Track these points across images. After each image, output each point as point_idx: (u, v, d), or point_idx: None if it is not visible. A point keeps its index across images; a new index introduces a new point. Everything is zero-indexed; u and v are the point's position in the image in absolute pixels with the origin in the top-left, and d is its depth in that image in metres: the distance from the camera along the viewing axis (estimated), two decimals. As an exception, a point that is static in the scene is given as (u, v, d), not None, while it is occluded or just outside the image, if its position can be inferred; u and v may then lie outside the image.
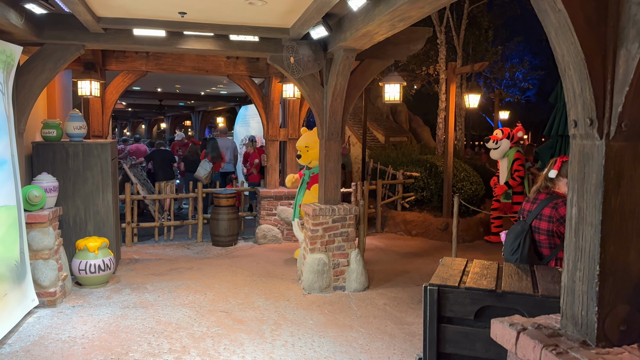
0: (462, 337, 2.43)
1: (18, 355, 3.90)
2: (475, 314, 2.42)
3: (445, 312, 2.48)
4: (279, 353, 4.05)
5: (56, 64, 5.06)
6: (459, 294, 2.45)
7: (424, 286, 2.54)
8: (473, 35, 14.41)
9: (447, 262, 2.99)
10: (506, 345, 1.96)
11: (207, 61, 7.60)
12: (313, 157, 6.61)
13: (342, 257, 5.66)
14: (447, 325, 2.47)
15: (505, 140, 8.16)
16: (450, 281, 2.55)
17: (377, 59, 5.81)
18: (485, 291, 2.40)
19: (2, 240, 4.20)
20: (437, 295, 2.48)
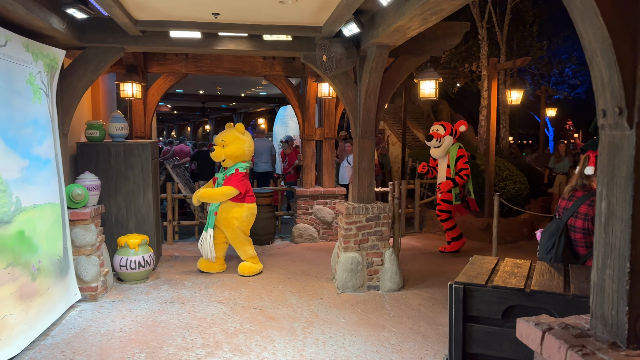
0: (489, 337, 2.35)
1: (59, 347, 4.06)
2: (503, 314, 2.33)
3: (472, 311, 2.40)
4: (310, 350, 4.04)
5: (97, 66, 5.25)
6: (486, 293, 2.37)
7: (449, 284, 2.47)
8: (517, 30, 13.96)
9: (476, 260, 2.90)
10: (531, 346, 1.88)
11: (244, 62, 7.71)
12: (228, 154, 6.00)
13: (376, 256, 5.60)
14: (473, 325, 2.39)
15: (448, 137, 7.38)
16: (477, 279, 2.47)
17: (413, 55, 5.72)
18: (513, 290, 2.31)
19: (46, 236, 4.38)
20: (463, 293, 2.41)
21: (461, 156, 7.35)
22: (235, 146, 5.99)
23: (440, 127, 7.43)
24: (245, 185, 6.06)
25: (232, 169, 6.03)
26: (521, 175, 9.57)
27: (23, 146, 4.03)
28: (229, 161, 6.02)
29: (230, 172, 6.03)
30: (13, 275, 3.77)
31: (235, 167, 6.03)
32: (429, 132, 7.52)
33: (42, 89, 4.44)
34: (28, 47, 4.13)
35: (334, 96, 7.36)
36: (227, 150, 5.99)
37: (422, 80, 6.13)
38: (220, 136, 6.08)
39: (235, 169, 6.03)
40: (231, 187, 5.92)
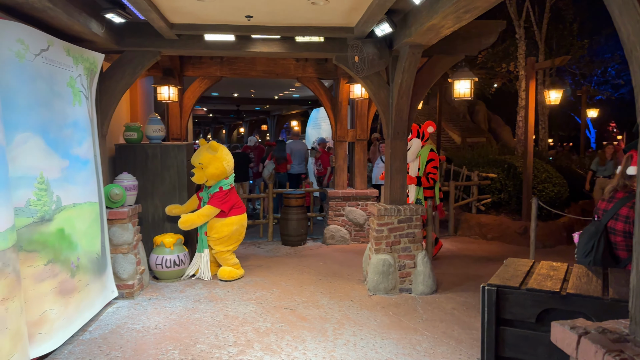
0: (522, 340, 2.28)
1: (96, 342, 4.18)
2: (537, 317, 2.26)
3: (505, 314, 2.34)
4: (340, 352, 4.03)
5: (135, 69, 5.39)
6: (520, 296, 2.30)
7: (481, 286, 2.42)
8: (556, 29, 13.59)
9: (510, 262, 2.83)
10: (566, 350, 1.81)
11: (277, 65, 7.77)
12: (209, 175, 5.91)
13: (408, 259, 5.53)
14: (506, 328, 2.33)
15: (416, 140, 6.86)
16: (511, 282, 2.40)
17: (446, 55, 5.64)
18: (548, 293, 2.24)
19: (85, 234, 4.52)
20: (496, 296, 2.35)
21: (431, 159, 6.91)
22: (214, 166, 5.89)
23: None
24: (228, 201, 6.01)
25: (216, 187, 5.99)
26: (560, 178, 9.30)
27: (63, 147, 4.17)
28: (211, 181, 5.96)
29: (214, 190, 5.99)
30: (53, 271, 3.90)
31: (218, 185, 5.98)
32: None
33: (82, 92, 4.59)
34: (69, 51, 4.28)
35: (366, 97, 7.33)
36: (206, 172, 5.89)
37: (457, 80, 6.03)
38: (197, 158, 5.96)
39: (219, 187, 5.98)
40: (212, 206, 5.90)
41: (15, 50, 3.51)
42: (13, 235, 3.30)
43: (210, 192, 6.00)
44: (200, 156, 5.91)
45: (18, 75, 3.56)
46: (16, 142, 3.57)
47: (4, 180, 3.22)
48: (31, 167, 3.71)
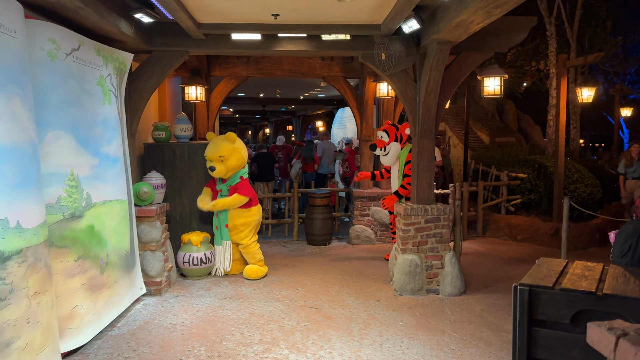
0: (556, 342, 2.20)
1: (124, 338, 4.24)
2: (571, 318, 2.18)
3: (538, 314, 2.26)
4: (366, 352, 3.98)
5: (163, 69, 5.45)
6: (553, 296, 2.23)
7: (513, 286, 2.35)
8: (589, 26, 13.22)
9: (543, 262, 2.74)
10: (603, 352, 1.73)
11: (303, 64, 7.77)
12: (230, 167, 5.80)
13: (435, 259, 5.45)
14: (539, 329, 2.25)
15: (394, 143, 6.44)
16: (544, 281, 2.33)
17: (475, 52, 5.53)
18: (583, 293, 2.16)
19: (115, 231, 4.59)
20: (529, 296, 2.27)
21: (409, 161, 6.29)
22: (235, 157, 5.82)
23: (383, 133, 6.51)
24: (252, 190, 6.08)
25: (236, 177, 5.94)
26: (593, 178, 9.03)
27: (93, 145, 4.25)
28: (231, 172, 5.89)
29: (235, 181, 5.92)
30: (83, 267, 3.97)
31: (238, 175, 5.95)
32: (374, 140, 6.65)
33: (112, 91, 4.66)
34: (99, 51, 4.35)
35: (392, 96, 7.26)
36: (228, 164, 5.80)
37: (486, 77, 5.91)
38: (216, 151, 5.76)
39: (239, 177, 5.95)
40: (242, 195, 5.87)
41: (48, 50, 3.58)
42: (45, 231, 3.37)
43: (231, 184, 5.93)
44: (220, 148, 5.75)
45: (50, 74, 3.64)
46: (48, 140, 3.65)
47: (36, 177, 3.29)
48: (62, 164, 3.78)
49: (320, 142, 10.98)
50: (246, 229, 6.01)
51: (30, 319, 3.12)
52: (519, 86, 15.79)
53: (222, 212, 5.93)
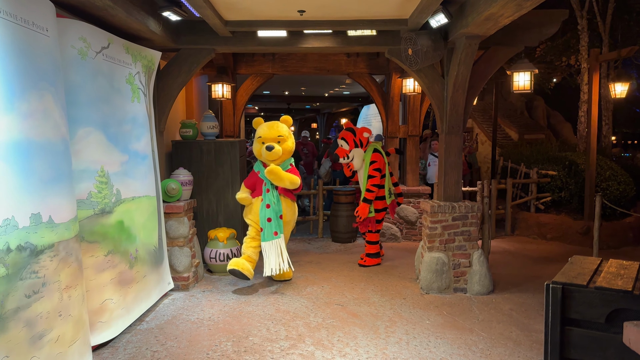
0: (590, 342, 2.13)
1: (153, 332, 4.30)
2: (607, 317, 2.11)
3: (571, 313, 2.20)
4: (392, 350, 3.95)
5: (190, 67, 5.50)
6: (588, 294, 2.16)
7: (546, 284, 2.29)
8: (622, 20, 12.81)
9: (576, 260, 2.66)
10: (643, 353, 1.68)
11: (328, 61, 7.75)
12: (286, 150, 5.44)
13: (463, 258, 5.36)
14: (572, 328, 2.19)
15: (356, 150, 6.31)
16: (578, 280, 2.26)
17: (505, 46, 5.43)
18: (619, 292, 2.08)
19: (144, 227, 4.66)
20: (562, 294, 2.21)
21: (373, 161, 6.30)
22: (291, 141, 5.52)
23: (342, 142, 6.37)
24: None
25: (287, 164, 5.52)
26: (626, 176, 8.77)
27: (123, 142, 4.31)
28: (283, 158, 5.46)
29: (286, 168, 5.50)
30: (113, 262, 4.04)
31: (289, 162, 5.55)
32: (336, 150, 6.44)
33: (141, 89, 4.73)
34: (128, 49, 4.41)
35: (419, 92, 7.17)
36: (285, 146, 5.43)
37: (516, 72, 5.78)
38: (274, 131, 5.40)
39: (289, 164, 5.56)
40: (298, 177, 5.48)
41: (78, 48, 3.65)
42: (76, 225, 3.44)
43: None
44: (279, 128, 5.44)
45: (80, 72, 3.70)
46: (79, 137, 3.72)
47: (68, 173, 3.36)
48: (93, 160, 3.85)
49: None
50: (292, 224, 5.69)
51: (62, 312, 3.18)
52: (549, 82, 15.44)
53: (276, 203, 5.41)
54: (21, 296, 2.77)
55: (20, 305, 2.76)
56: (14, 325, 2.70)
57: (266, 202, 5.39)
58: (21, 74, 2.84)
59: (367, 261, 6.45)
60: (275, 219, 5.39)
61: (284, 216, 5.48)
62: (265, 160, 5.41)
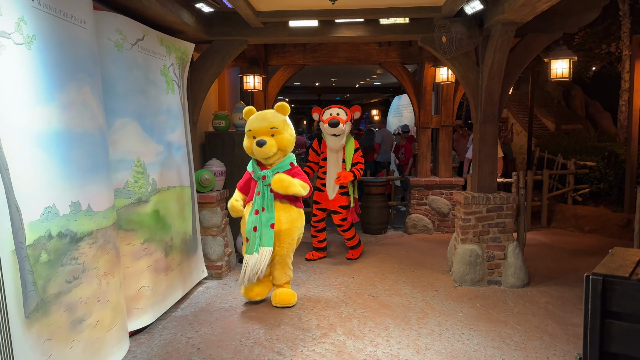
0: (633, 336, 2.06)
1: (188, 319, 4.39)
2: (651, 311, 2.03)
3: (612, 306, 2.12)
4: (425, 341, 3.92)
5: (223, 59, 5.55)
6: (630, 287, 2.08)
7: (585, 275, 2.22)
8: (668, 3, 12.26)
9: (618, 252, 2.57)
10: (690, 348, 1.61)
11: (359, 50, 7.69)
12: (282, 144, 4.42)
13: (497, 250, 5.27)
14: (613, 322, 2.11)
15: (349, 124, 5.92)
16: (619, 271, 2.18)
17: (542, 33, 5.26)
18: (665, 284, 2.00)
19: (178, 216, 4.75)
20: (602, 286, 2.14)
21: (358, 148, 6.12)
22: (289, 133, 4.50)
23: (340, 110, 5.93)
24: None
25: (286, 162, 4.53)
26: (671, 167, 8.43)
27: (158, 133, 4.39)
28: (280, 154, 4.48)
29: (285, 167, 4.50)
30: (149, 250, 4.13)
31: (289, 161, 4.56)
32: (333, 116, 5.86)
33: (175, 81, 4.80)
34: (162, 41, 4.48)
35: (452, 81, 7.05)
36: (280, 139, 4.41)
37: (554, 60, 5.61)
38: (266, 123, 4.39)
39: (289, 162, 4.56)
40: (306, 183, 4.50)
41: (114, 40, 3.72)
42: (113, 214, 3.53)
43: (279, 170, 4.46)
44: (272, 119, 4.41)
45: (116, 63, 3.78)
46: (115, 127, 3.81)
47: (105, 163, 3.45)
48: (129, 151, 3.94)
49: (379, 130, 10.90)
50: (294, 235, 4.62)
51: (100, 297, 3.28)
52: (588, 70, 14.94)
53: (268, 209, 4.41)
54: (62, 281, 2.86)
55: (62, 290, 2.85)
56: (56, 309, 2.79)
57: (255, 208, 4.42)
58: (60, 65, 2.91)
59: (354, 254, 6.35)
60: (264, 227, 4.38)
61: (277, 224, 4.43)
62: (258, 158, 4.47)
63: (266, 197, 4.44)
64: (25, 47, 2.60)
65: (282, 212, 4.48)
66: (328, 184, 6.13)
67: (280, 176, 4.33)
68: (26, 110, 2.59)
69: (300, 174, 4.56)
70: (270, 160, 4.46)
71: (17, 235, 2.47)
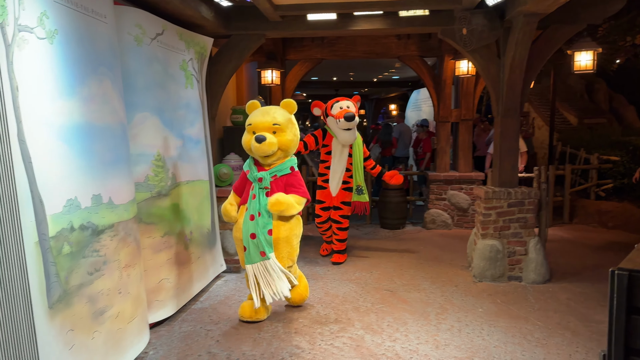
0: (660, 333, 2.01)
1: (207, 311, 4.42)
2: (680, 308, 1.98)
3: (638, 302, 2.07)
4: (444, 336, 3.89)
5: (241, 53, 5.55)
6: (658, 282, 2.03)
7: (610, 270, 2.17)
8: (697, -8, 11.91)
9: (644, 247, 2.51)
10: None
11: (377, 44, 7.63)
12: (283, 143, 3.93)
13: (518, 245, 5.19)
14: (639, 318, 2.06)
15: (357, 118, 5.58)
16: (646, 267, 2.13)
17: (565, 24, 5.15)
18: (694, 280, 1.94)
19: (197, 210, 4.78)
20: (628, 281, 2.09)
21: (363, 142, 5.96)
22: (293, 132, 4.02)
23: (350, 103, 5.61)
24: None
25: (286, 166, 4.02)
26: (698, 161, 8.20)
27: (177, 127, 4.42)
28: (279, 155, 3.98)
29: (285, 170, 4.01)
30: (169, 243, 4.17)
31: (289, 164, 4.05)
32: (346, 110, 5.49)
33: (194, 75, 4.82)
34: (181, 36, 4.50)
35: (472, 74, 6.95)
36: (282, 138, 3.92)
37: (577, 52, 5.49)
38: (269, 118, 3.91)
39: (290, 166, 4.04)
40: (303, 197, 4.04)
41: (134, 35, 3.75)
42: (134, 207, 3.56)
43: (277, 173, 3.98)
44: (275, 115, 3.94)
45: (136, 58, 3.81)
46: (135, 121, 3.84)
47: (126, 156, 3.48)
48: (149, 145, 3.97)
49: (396, 125, 10.84)
50: (293, 241, 4.11)
51: (121, 289, 3.32)
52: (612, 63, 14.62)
53: (264, 214, 3.91)
54: (84, 273, 2.90)
55: (83, 282, 2.89)
56: (78, 300, 2.83)
57: (250, 212, 3.93)
58: (82, 59, 2.94)
59: (340, 258, 5.91)
60: (262, 235, 3.90)
61: (275, 231, 3.95)
62: (256, 155, 3.97)
63: (262, 202, 3.93)
64: (48, 41, 2.63)
65: (279, 218, 3.98)
66: (332, 180, 5.81)
67: (278, 198, 3.83)
68: (48, 103, 2.62)
69: (299, 183, 4.07)
70: (269, 160, 3.96)
71: (41, 227, 2.51)
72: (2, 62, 2.25)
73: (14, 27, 2.36)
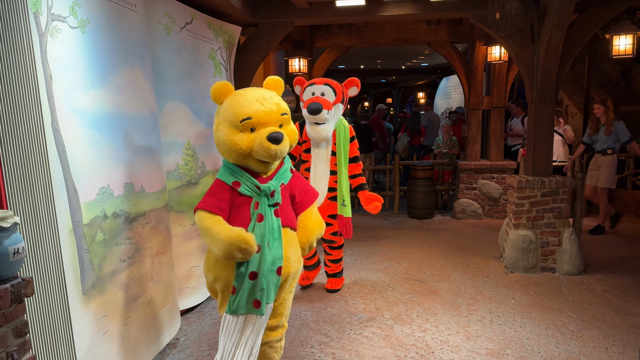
0: None
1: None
2: None
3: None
4: (475, 328, 3.82)
5: (269, 42, 5.52)
6: None
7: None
8: None
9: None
10: None
11: (406, 30, 7.49)
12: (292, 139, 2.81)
13: (552, 236, 5.06)
14: (688, 313, 1.97)
15: (340, 106, 4.25)
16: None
17: (603, 7, 4.95)
18: None
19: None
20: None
21: (353, 137, 4.48)
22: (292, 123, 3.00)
23: (327, 88, 4.19)
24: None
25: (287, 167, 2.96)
26: None
27: (206, 116, 4.42)
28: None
29: (287, 174, 2.93)
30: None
31: (289, 165, 3.00)
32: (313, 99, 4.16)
33: (222, 64, 4.81)
34: (210, 25, 4.49)
35: (505, 60, 6.77)
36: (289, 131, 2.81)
37: (616, 35, 5.28)
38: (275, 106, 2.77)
39: (289, 168, 2.99)
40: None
41: (164, 24, 3.75)
42: (165, 196, 3.59)
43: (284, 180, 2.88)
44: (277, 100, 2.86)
45: (166, 47, 3.81)
46: (166, 111, 3.85)
47: (157, 145, 3.50)
48: (179, 134, 3.99)
49: (425, 113, 10.67)
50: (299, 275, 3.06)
51: (153, 276, 3.36)
52: (651, 48, 14.07)
53: (274, 244, 2.72)
54: (117, 260, 2.94)
55: (116, 269, 2.93)
56: (111, 287, 2.87)
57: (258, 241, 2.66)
58: (113, 49, 2.95)
59: (337, 283, 4.70)
60: (268, 273, 2.69)
61: (287, 266, 2.79)
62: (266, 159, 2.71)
63: (272, 225, 2.74)
64: (80, 30, 2.64)
65: (291, 247, 2.83)
66: (313, 184, 4.38)
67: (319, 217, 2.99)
68: (81, 92, 2.64)
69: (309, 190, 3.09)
70: (275, 164, 2.88)
71: (75, 215, 2.54)
72: (36, 51, 2.27)
73: (47, 17, 2.38)
